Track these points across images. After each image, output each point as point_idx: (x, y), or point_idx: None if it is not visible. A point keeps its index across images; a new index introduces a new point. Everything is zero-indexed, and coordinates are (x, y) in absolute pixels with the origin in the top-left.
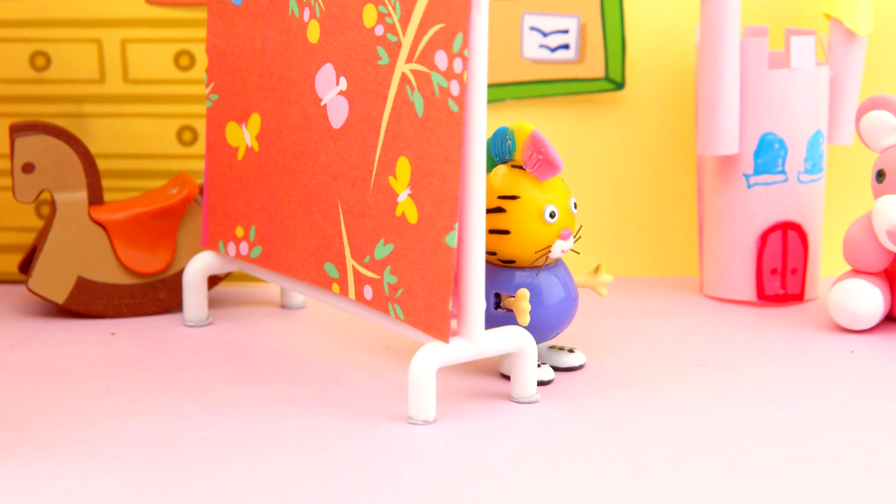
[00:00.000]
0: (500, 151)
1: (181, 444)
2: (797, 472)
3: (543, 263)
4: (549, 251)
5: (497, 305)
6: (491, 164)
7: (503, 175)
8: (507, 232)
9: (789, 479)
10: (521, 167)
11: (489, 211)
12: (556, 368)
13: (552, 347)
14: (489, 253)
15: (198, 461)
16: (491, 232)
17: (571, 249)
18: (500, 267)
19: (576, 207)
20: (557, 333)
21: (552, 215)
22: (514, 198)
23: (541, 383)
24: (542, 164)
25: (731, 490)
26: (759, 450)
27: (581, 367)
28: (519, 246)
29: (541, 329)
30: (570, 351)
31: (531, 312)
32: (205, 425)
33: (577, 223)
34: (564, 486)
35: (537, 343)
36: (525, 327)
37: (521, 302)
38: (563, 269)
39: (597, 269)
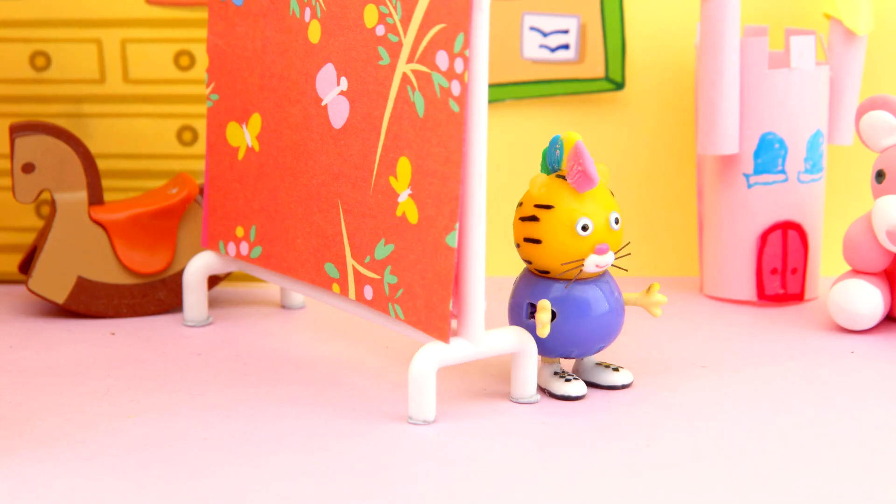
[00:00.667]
0: (552, 160)
1: (181, 444)
2: (797, 472)
3: (576, 276)
4: (581, 265)
5: (531, 315)
6: (547, 173)
7: (542, 183)
8: (538, 241)
9: (789, 479)
10: (564, 177)
11: (525, 219)
12: (599, 386)
13: (598, 364)
14: (526, 261)
15: (197, 461)
16: (525, 240)
17: (617, 266)
18: (537, 276)
19: (618, 223)
20: (600, 348)
21: (584, 228)
22: (548, 207)
23: (568, 398)
24: (580, 175)
25: (731, 490)
26: (759, 450)
27: (626, 386)
28: (550, 256)
29: (580, 342)
30: (616, 369)
31: (571, 324)
32: (204, 425)
33: (622, 239)
34: (564, 485)
35: (579, 357)
36: (554, 340)
37: (540, 314)
38: (608, 283)
39: (649, 289)
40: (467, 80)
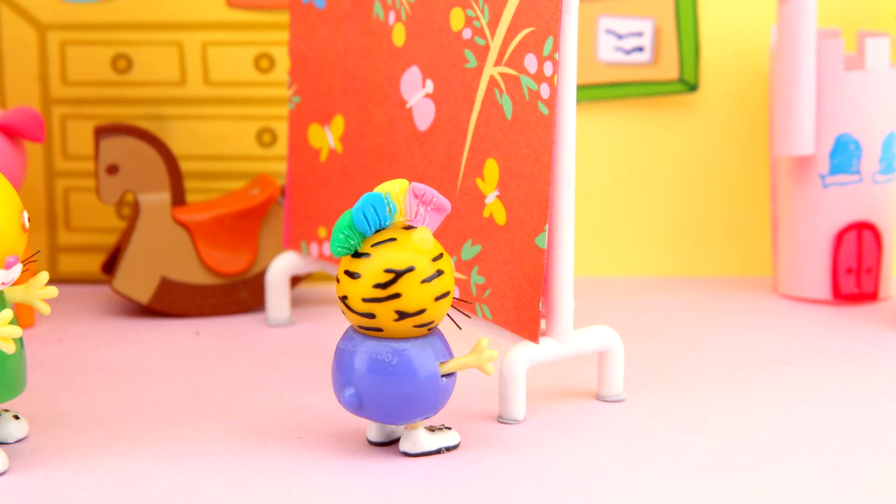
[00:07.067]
0: (382, 217)
1: (276, 443)
2: (886, 468)
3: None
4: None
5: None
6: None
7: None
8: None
9: (880, 474)
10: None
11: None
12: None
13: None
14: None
15: (293, 461)
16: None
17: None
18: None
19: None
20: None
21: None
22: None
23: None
24: (435, 208)
25: (826, 485)
26: (845, 446)
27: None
28: None
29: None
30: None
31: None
32: (298, 425)
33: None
34: (654, 485)
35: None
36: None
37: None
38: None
39: (478, 346)
40: (556, 82)
